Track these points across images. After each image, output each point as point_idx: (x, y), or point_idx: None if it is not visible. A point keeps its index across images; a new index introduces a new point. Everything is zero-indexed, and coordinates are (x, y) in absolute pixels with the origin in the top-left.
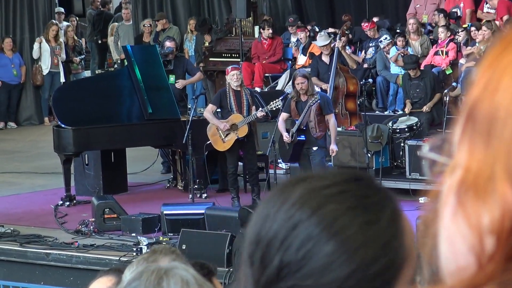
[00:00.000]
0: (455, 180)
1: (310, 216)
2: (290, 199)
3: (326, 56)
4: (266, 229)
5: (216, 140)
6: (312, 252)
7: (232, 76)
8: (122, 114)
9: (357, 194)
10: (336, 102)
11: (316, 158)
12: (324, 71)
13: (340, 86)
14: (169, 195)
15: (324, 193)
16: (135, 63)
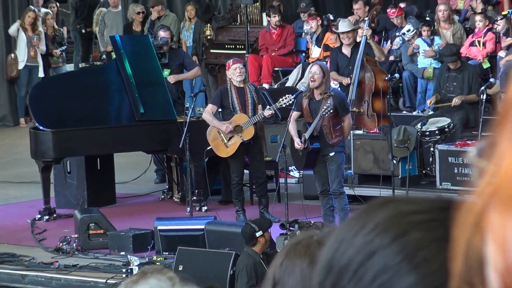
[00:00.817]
0: (489, 188)
1: (391, 243)
2: (371, 223)
3: (347, 47)
4: (339, 255)
5: (218, 145)
6: (388, 285)
7: (234, 71)
8: (110, 115)
9: (446, 225)
10: (361, 101)
11: (334, 164)
12: (345, 64)
13: (367, 81)
14: (163, 208)
15: (410, 219)
16: (124, 55)
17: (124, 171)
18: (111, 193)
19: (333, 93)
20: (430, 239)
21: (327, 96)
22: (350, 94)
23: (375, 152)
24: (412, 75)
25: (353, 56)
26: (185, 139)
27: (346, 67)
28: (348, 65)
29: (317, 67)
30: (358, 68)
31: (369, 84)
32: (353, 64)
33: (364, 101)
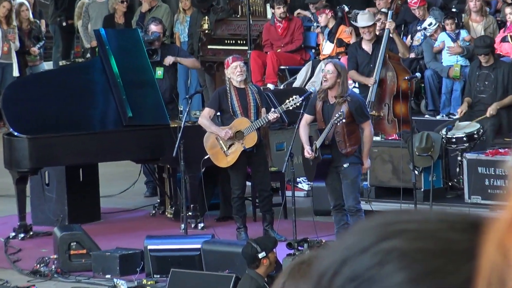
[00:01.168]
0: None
1: (366, 250)
2: (356, 229)
3: (368, 43)
4: (323, 261)
5: (217, 153)
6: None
7: (234, 69)
8: (94, 119)
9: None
10: (380, 103)
11: (348, 177)
12: (365, 62)
13: (388, 81)
14: (155, 224)
15: (394, 227)
16: (110, 52)
17: (110, 183)
18: (95, 208)
19: (349, 98)
20: (408, 249)
21: (342, 101)
22: (370, 96)
23: (394, 161)
24: (436, 74)
25: (374, 52)
26: (179, 146)
27: (366, 65)
28: (369, 63)
29: (331, 65)
30: (379, 66)
31: (391, 84)
32: (375, 62)
33: (384, 103)
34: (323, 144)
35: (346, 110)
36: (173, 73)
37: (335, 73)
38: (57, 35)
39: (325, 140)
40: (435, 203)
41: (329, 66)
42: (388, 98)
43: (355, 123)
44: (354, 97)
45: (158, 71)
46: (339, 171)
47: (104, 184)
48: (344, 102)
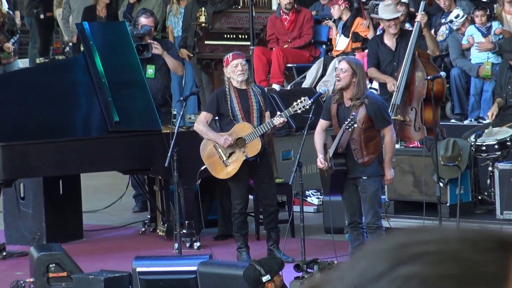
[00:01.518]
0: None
1: (379, 277)
2: (370, 250)
3: (391, 38)
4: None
5: (215, 163)
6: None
7: (235, 68)
8: (76, 124)
9: (462, 258)
10: (406, 107)
11: (368, 190)
12: (388, 59)
13: (417, 83)
14: (144, 244)
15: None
16: (95, 48)
17: (94, 197)
18: (77, 225)
19: (367, 100)
20: (430, 274)
21: (359, 104)
22: (395, 98)
23: (415, 172)
24: (463, 73)
25: (398, 48)
26: (172, 155)
27: (389, 63)
28: (392, 61)
29: (344, 63)
30: (408, 64)
31: (420, 86)
32: (399, 60)
33: (411, 107)
34: (336, 152)
35: (363, 114)
36: (166, 71)
37: (349, 71)
38: (34, 28)
39: (338, 148)
40: (463, 219)
41: (343, 64)
42: (416, 101)
43: (374, 128)
44: (373, 99)
45: (149, 70)
46: (357, 183)
47: (87, 198)
48: (361, 105)
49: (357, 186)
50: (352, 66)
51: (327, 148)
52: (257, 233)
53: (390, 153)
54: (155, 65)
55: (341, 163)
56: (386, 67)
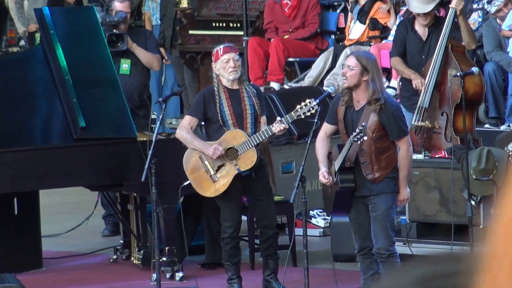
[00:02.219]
0: None
1: None
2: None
3: (423, 26)
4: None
5: (201, 178)
6: None
7: (225, 64)
8: (33, 131)
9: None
10: (436, 112)
11: (378, 209)
12: (416, 50)
13: (450, 83)
14: (117, 274)
15: (435, 284)
16: (56, 38)
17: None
18: (35, 252)
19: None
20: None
21: (378, 107)
22: (422, 100)
23: (442, 188)
24: (500, 69)
25: (430, 39)
26: (149, 168)
27: (417, 55)
28: (421, 52)
29: (353, 59)
30: (439, 59)
31: (454, 87)
32: (429, 52)
33: (442, 112)
34: (343, 166)
35: (375, 120)
36: (143, 67)
37: (358, 68)
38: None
39: (345, 162)
40: None
41: (351, 60)
42: (448, 105)
43: (387, 138)
44: (387, 103)
45: (124, 65)
46: (366, 202)
47: (48, 219)
48: (380, 108)
49: (366, 205)
50: (362, 62)
51: (332, 159)
52: (251, 261)
53: (406, 170)
54: (130, 59)
55: (349, 180)
56: (413, 59)
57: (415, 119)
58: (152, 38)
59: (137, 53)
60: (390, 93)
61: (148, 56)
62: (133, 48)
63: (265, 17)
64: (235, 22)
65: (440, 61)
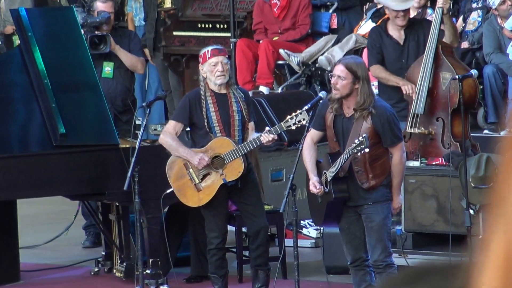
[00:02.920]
0: None
1: None
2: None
3: (398, 28)
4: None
5: (185, 187)
6: None
7: (213, 67)
8: (10, 138)
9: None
10: (431, 117)
11: (374, 219)
12: (395, 55)
13: (444, 86)
14: (98, 287)
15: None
16: (34, 41)
17: (34, 229)
18: (12, 264)
19: (374, 110)
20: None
21: (366, 114)
22: (415, 106)
23: (439, 196)
24: (499, 72)
25: (407, 42)
26: (132, 176)
27: (397, 60)
28: (400, 57)
29: (342, 67)
30: (429, 63)
31: (449, 91)
32: (408, 56)
33: (437, 118)
34: (337, 176)
35: (368, 127)
36: (127, 70)
37: (349, 78)
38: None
39: (339, 172)
40: None
41: (340, 69)
42: (444, 110)
43: (381, 145)
44: (381, 108)
45: (106, 68)
46: (359, 211)
47: (26, 230)
48: (368, 115)
49: (359, 214)
50: (351, 71)
51: (322, 168)
52: (239, 274)
53: (399, 177)
54: (113, 62)
55: (343, 190)
56: (393, 65)
57: (409, 126)
58: (137, 40)
59: (120, 56)
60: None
61: (131, 58)
62: (116, 50)
63: (254, 17)
64: (221, 23)
65: (431, 65)
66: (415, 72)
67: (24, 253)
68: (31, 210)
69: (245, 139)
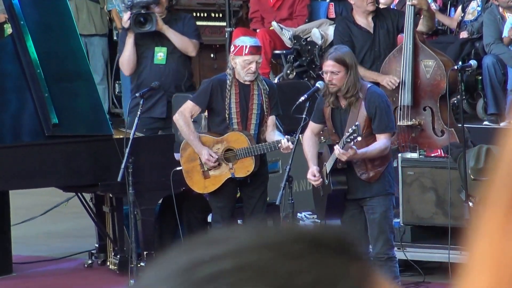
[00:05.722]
0: None
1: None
2: (156, 278)
3: (365, 16)
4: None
5: (193, 171)
6: None
7: (247, 65)
8: (2, 128)
9: (272, 272)
10: (418, 108)
11: (376, 211)
12: (367, 45)
13: (428, 75)
14: (91, 280)
15: (200, 274)
16: (26, 29)
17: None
18: (4, 256)
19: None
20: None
21: (356, 100)
22: (403, 97)
23: (438, 189)
24: (499, 62)
25: (377, 29)
26: (126, 167)
27: (369, 50)
28: (372, 46)
29: (332, 63)
30: (409, 53)
31: (435, 78)
32: (380, 45)
33: (424, 107)
34: (335, 168)
35: (364, 116)
36: (181, 55)
37: (342, 70)
38: None
39: (337, 163)
40: None
41: (330, 65)
42: (431, 99)
43: (373, 134)
44: (373, 94)
45: (159, 54)
46: (361, 203)
47: (18, 221)
48: (359, 102)
49: (361, 206)
50: (341, 62)
51: (323, 159)
52: None
53: (371, 152)
54: (166, 47)
55: (341, 182)
56: (366, 55)
57: (400, 119)
58: (191, 23)
59: (169, 36)
60: None
61: (182, 39)
62: (164, 29)
63: (250, 6)
64: (217, 12)
65: (412, 54)
66: (392, 66)
67: (16, 245)
68: (23, 202)
69: (261, 133)
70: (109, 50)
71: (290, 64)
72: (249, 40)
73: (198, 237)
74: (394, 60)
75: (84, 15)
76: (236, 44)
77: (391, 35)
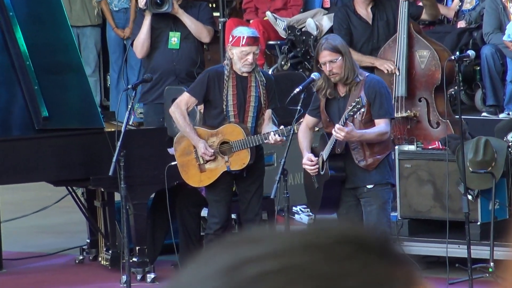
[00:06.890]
0: None
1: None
2: (202, 276)
3: (365, 6)
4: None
5: (188, 165)
6: None
7: (244, 56)
8: None
9: (314, 275)
10: (413, 99)
11: (374, 202)
12: (365, 36)
13: (423, 65)
14: (82, 276)
15: (247, 273)
16: (15, 21)
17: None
18: None
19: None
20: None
21: (355, 84)
22: (397, 88)
23: (436, 182)
24: (498, 53)
25: (376, 20)
26: (118, 161)
27: (367, 41)
28: (370, 37)
29: (327, 52)
30: (404, 43)
31: (430, 69)
32: (378, 36)
33: (419, 98)
34: (333, 153)
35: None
36: (195, 41)
37: (339, 57)
38: None
39: (336, 148)
40: (498, 242)
41: (326, 54)
42: (426, 90)
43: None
44: (373, 79)
45: (173, 38)
46: (358, 194)
47: (8, 217)
48: (357, 85)
49: (358, 199)
50: (336, 50)
51: (319, 151)
52: None
53: (369, 134)
54: (180, 32)
55: (339, 168)
56: (363, 46)
57: (395, 111)
58: (207, 10)
59: (184, 20)
60: None
61: (197, 24)
62: (180, 14)
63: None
64: (210, 2)
65: (406, 45)
66: (387, 56)
67: (6, 241)
68: (13, 197)
69: (259, 126)
70: (102, 42)
71: (284, 55)
72: (246, 30)
73: (238, 235)
74: (389, 50)
75: (78, 6)
76: (233, 35)
77: (392, 26)
